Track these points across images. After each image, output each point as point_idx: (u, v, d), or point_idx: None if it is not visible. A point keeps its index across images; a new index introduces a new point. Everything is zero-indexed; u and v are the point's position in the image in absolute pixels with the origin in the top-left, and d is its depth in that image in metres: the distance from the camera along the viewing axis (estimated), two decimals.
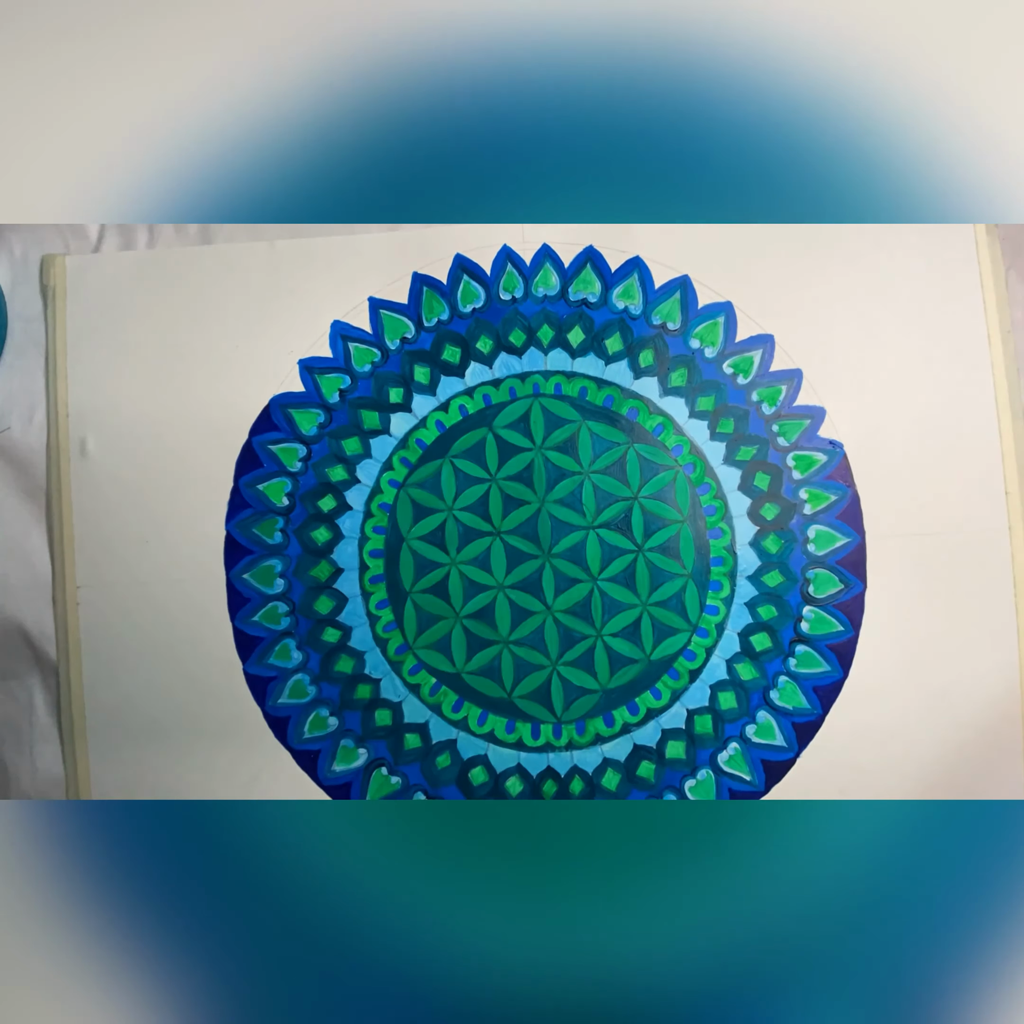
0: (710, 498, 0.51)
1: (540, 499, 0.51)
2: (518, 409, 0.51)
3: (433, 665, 0.50)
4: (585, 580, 0.50)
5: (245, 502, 0.50)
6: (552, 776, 0.50)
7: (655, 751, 0.50)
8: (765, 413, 0.51)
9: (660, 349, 0.51)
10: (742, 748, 0.50)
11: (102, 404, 0.51)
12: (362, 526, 0.51)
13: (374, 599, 0.50)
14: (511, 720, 0.50)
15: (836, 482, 0.51)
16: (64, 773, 0.49)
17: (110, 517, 0.50)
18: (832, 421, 0.51)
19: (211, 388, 0.51)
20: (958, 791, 0.50)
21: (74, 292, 0.52)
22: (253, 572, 0.50)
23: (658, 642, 0.50)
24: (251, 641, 0.50)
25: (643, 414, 0.51)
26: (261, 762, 0.49)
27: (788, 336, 0.51)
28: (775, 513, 0.51)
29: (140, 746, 0.49)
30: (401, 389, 0.51)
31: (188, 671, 0.49)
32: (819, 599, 0.50)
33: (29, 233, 0.53)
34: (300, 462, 0.51)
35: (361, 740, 0.50)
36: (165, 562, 0.50)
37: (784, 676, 0.50)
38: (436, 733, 0.50)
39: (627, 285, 0.51)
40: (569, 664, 0.50)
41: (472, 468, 0.51)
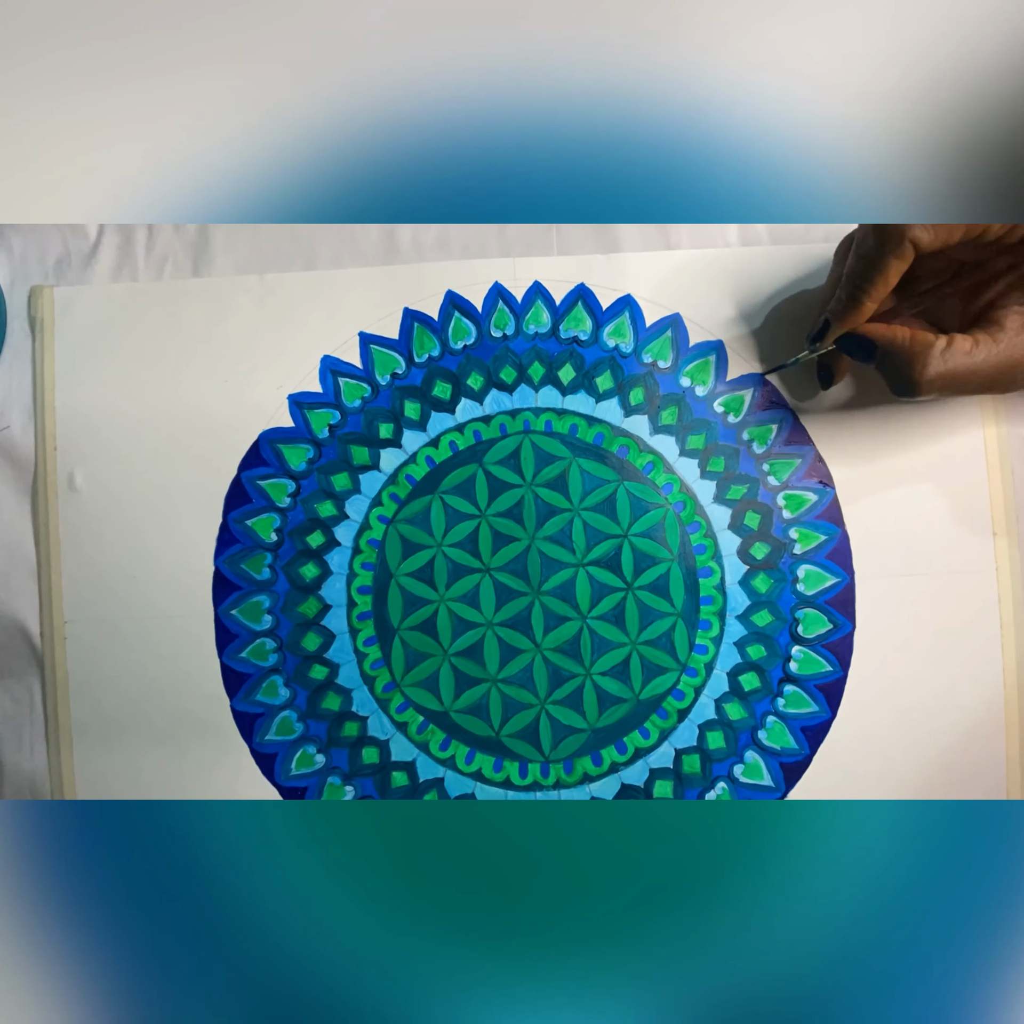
0: (700, 536, 0.51)
1: (530, 536, 0.51)
2: (508, 445, 0.51)
3: (421, 703, 0.50)
4: (575, 618, 0.50)
5: (234, 538, 0.50)
6: None
7: (643, 790, 0.50)
8: (756, 452, 0.51)
9: (650, 387, 0.51)
10: (730, 788, 0.50)
11: (90, 438, 0.51)
12: (351, 562, 0.50)
13: (362, 636, 0.50)
14: (499, 759, 0.50)
15: (826, 522, 0.51)
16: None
17: (98, 552, 0.50)
18: (822, 461, 0.51)
19: (200, 423, 0.50)
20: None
21: (62, 324, 0.52)
22: (241, 608, 0.50)
23: (647, 681, 0.50)
24: (239, 677, 0.50)
25: (633, 452, 0.51)
26: (248, 798, 0.49)
27: (778, 376, 0.51)
28: (765, 552, 0.51)
29: (125, 771, 0.49)
30: (391, 425, 0.51)
31: (176, 706, 0.49)
32: (808, 639, 0.50)
33: (29, 232, 0.52)
34: (289, 498, 0.50)
35: (348, 777, 0.50)
36: (153, 597, 0.50)
37: (772, 716, 0.50)
38: (423, 771, 0.50)
39: (618, 323, 0.51)
40: (558, 703, 0.50)
41: (462, 504, 0.51)
